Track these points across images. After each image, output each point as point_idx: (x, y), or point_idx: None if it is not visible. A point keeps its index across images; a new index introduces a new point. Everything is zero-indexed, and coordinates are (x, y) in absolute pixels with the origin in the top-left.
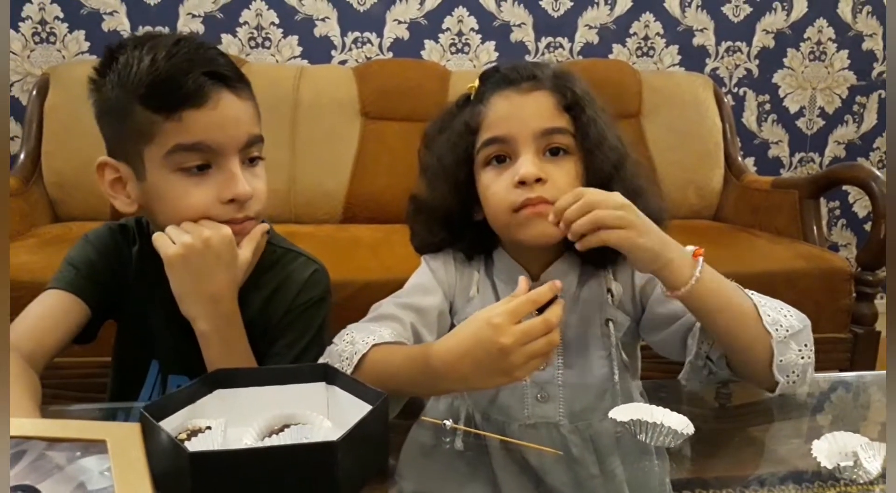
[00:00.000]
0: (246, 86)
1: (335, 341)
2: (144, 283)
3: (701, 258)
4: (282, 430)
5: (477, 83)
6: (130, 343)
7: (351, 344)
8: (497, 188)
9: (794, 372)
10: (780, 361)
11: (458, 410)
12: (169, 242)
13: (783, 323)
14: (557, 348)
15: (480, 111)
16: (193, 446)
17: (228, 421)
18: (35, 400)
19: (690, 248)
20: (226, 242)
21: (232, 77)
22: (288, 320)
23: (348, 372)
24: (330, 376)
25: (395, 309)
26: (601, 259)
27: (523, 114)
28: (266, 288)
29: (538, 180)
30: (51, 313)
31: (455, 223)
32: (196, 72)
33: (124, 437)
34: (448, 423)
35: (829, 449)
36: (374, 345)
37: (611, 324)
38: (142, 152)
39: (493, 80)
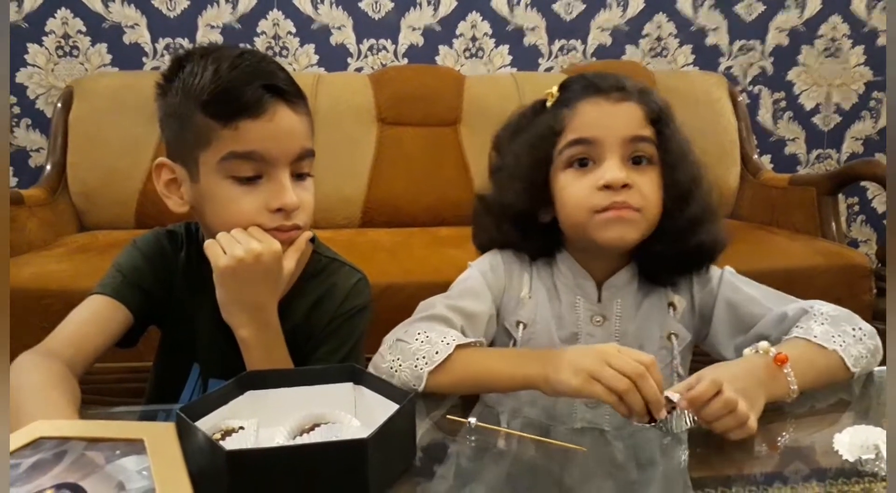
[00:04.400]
0: (303, 101)
1: (402, 337)
2: (190, 288)
3: (787, 367)
4: (312, 429)
5: (555, 89)
6: (173, 348)
7: (428, 343)
8: (577, 189)
9: (864, 358)
10: (853, 365)
11: (500, 413)
12: (221, 253)
13: (861, 351)
14: None
15: (566, 115)
16: (228, 445)
17: (260, 422)
18: (74, 405)
19: (763, 345)
20: (276, 257)
21: (290, 91)
22: (332, 328)
23: (425, 371)
24: (357, 376)
25: (447, 311)
26: (661, 276)
27: (612, 120)
28: (311, 295)
29: (624, 186)
30: (93, 319)
31: (525, 223)
32: (256, 84)
33: (161, 436)
34: (473, 421)
35: (851, 443)
36: (457, 346)
37: (673, 338)
38: (198, 157)
39: (579, 87)
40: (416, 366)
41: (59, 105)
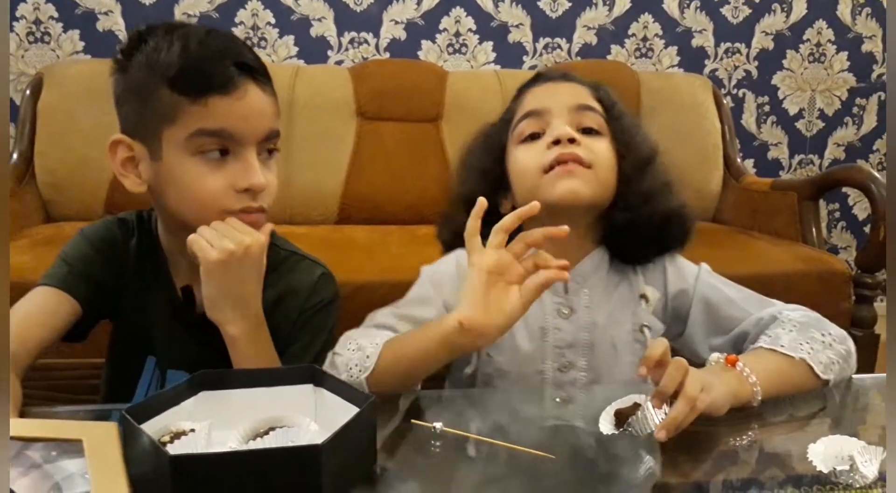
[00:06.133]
0: (270, 82)
1: (337, 350)
2: (143, 277)
3: (740, 364)
4: (267, 433)
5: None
6: (127, 340)
7: (359, 350)
8: (528, 154)
9: (835, 364)
10: (823, 372)
11: (467, 409)
12: (209, 247)
13: (831, 357)
14: (583, 348)
15: (516, 104)
16: (175, 449)
17: (213, 424)
18: (14, 404)
19: (715, 356)
20: (263, 249)
21: (259, 71)
22: (300, 324)
23: (362, 377)
24: (318, 378)
25: (393, 319)
26: (633, 253)
27: (559, 93)
28: (271, 290)
29: (572, 141)
30: (37, 312)
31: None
32: (227, 61)
33: (102, 437)
34: (438, 426)
35: (826, 453)
36: (385, 343)
37: (646, 330)
38: (161, 133)
39: (529, 81)
40: (351, 376)
41: (28, 92)
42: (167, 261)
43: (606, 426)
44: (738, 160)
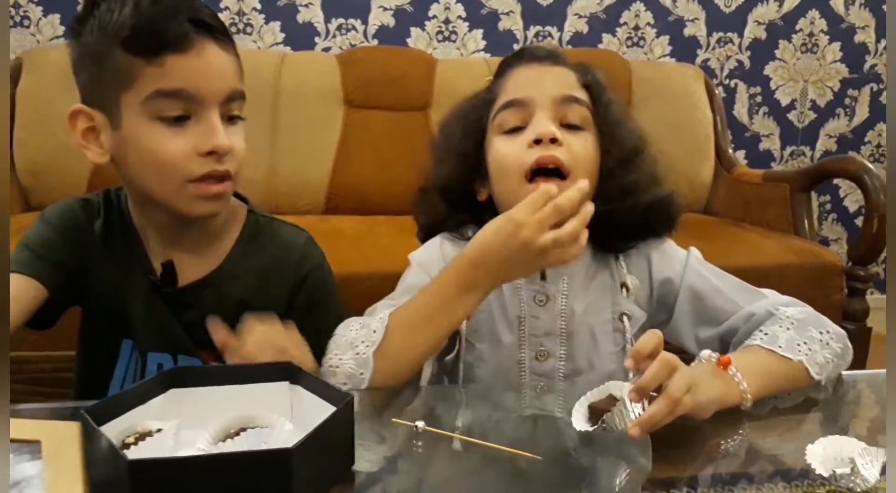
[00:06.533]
0: (230, 40)
1: (338, 332)
2: (113, 258)
3: (732, 368)
4: (238, 433)
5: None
6: (99, 325)
7: (363, 327)
8: (509, 150)
9: (829, 363)
10: (818, 373)
11: (449, 403)
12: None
13: (827, 357)
14: (559, 337)
15: (498, 84)
16: (139, 451)
17: (183, 423)
18: None
19: (707, 353)
20: None
21: (217, 28)
22: (304, 299)
23: (369, 352)
24: (294, 375)
25: (390, 310)
26: (612, 242)
27: (543, 80)
28: (256, 258)
29: (554, 141)
30: None
31: (458, 201)
32: (181, 18)
33: (61, 438)
34: (420, 424)
35: (824, 455)
36: (391, 314)
37: (625, 319)
38: (119, 99)
39: (513, 57)
40: (357, 352)
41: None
42: (139, 238)
43: (580, 421)
44: (730, 151)
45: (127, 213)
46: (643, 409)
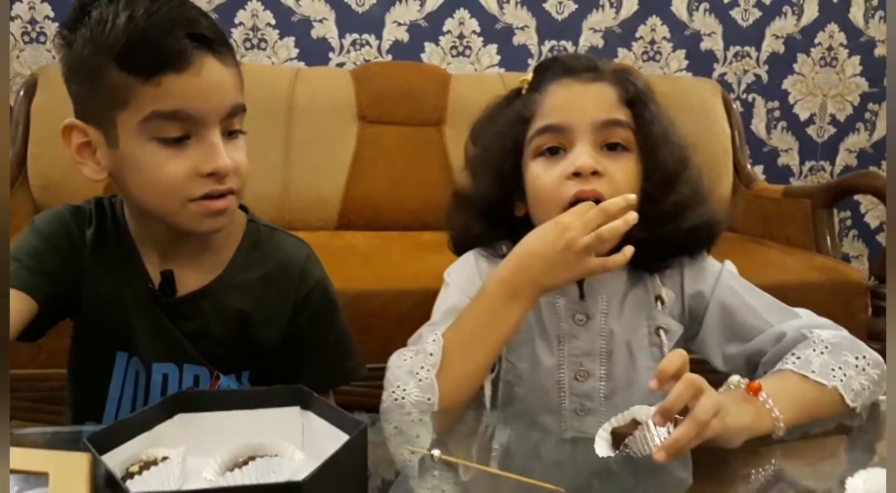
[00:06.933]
0: (230, 51)
1: (391, 364)
2: (108, 267)
3: (763, 394)
4: (247, 462)
5: (530, 76)
6: (93, 337)
7: (418, 353)
8: (548, 180)
9: (865, 390)
10: (853, 400)
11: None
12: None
13: (863, 383)
14: (600, 356)
15: (536, 99)
16: (143, 481)
17: (190, 450)
18: None
19: (736, 380)
20: None
21: (216, 41)
22: (313, 326)
23: (431, 375)
24: (305, 400)
25: (442, 332)
26: (649, 264)
27: (583, 103)
28: (256, 270)
29: (594, 173)
30: None
31: (495, 217)
32: (179, 33)
33: (70, 470)
34: (436, 453)
35: (865, 489)
36: (443, 335)
37: (662, 332)
38: (115, 118)
39: (551, 70)
40: (420, 379)
41: (22, 93)
42: (136, 247)
43: (603, 447)
44: (749, 166)
45: (123, 221)
46: (668, 433)
